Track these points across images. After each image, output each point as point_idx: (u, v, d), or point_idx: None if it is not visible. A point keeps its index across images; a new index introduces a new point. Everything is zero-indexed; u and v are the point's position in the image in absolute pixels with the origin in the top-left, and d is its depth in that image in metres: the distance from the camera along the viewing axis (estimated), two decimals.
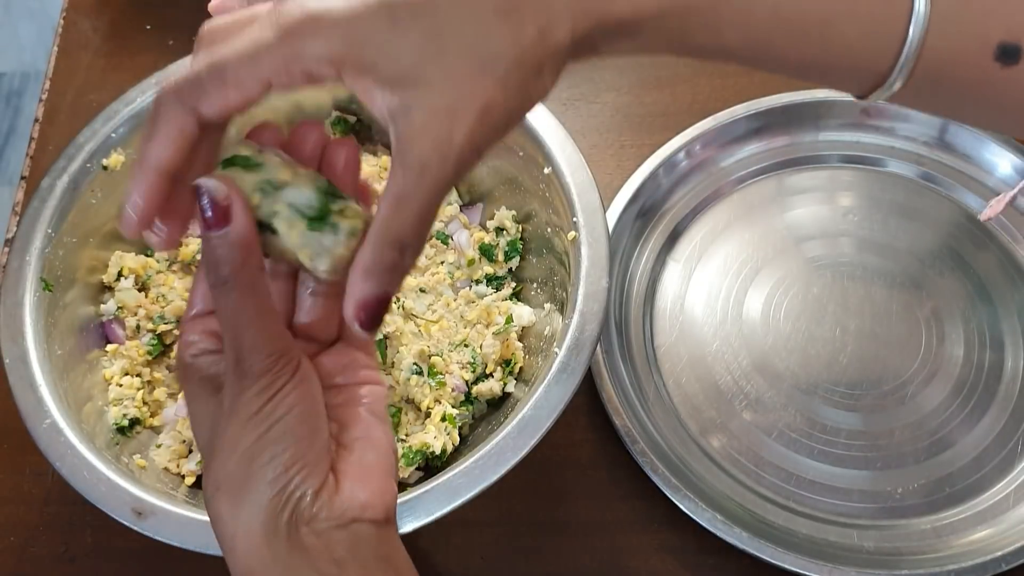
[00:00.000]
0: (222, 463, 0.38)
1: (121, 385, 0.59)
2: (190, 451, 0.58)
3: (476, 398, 0.61)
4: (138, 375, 0.60)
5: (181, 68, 0.38)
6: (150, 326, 0.61)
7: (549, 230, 0.62)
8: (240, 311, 0.37)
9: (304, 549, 0.37)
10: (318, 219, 0.39)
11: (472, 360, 0.60)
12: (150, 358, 0.61)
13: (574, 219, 0.59)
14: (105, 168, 0.62)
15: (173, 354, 0.61)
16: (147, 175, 0.38)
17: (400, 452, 0.57)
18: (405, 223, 0.37)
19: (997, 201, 0.68)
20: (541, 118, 0.62)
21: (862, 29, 0.39)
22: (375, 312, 0.37)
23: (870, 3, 0.38)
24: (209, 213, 0.37)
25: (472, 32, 0.35)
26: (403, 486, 0.55)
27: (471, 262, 0.65)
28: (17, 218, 0.69)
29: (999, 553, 0.57)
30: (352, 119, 0.68)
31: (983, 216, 0.68)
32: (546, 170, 0.61)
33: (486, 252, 0.65)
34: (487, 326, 0.62)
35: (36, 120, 0.76)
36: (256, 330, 0.38)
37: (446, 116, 0.35)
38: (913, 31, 0.38)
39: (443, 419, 0.58)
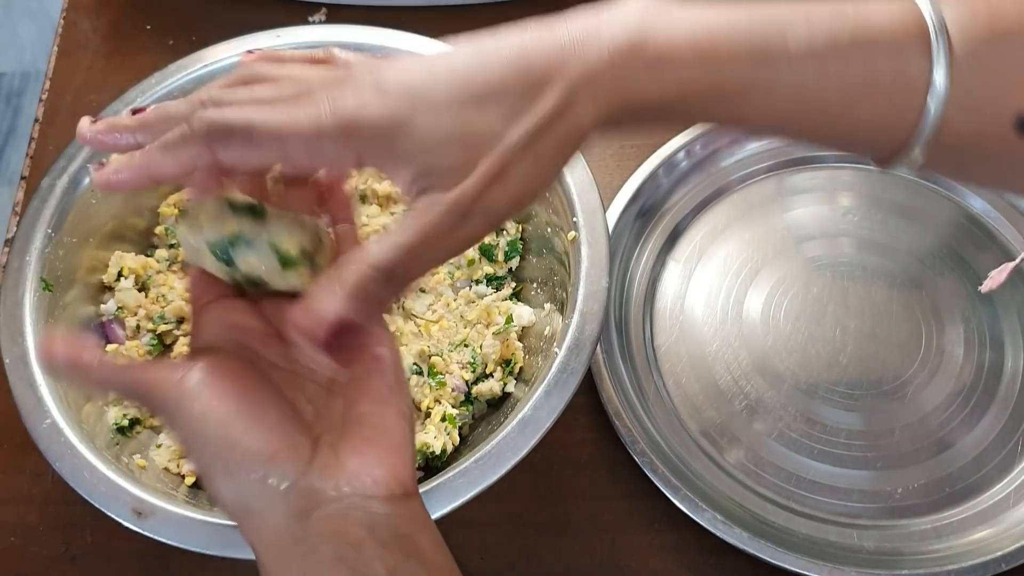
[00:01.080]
0: (206, 483, 0.39)
1: None
2: None
3: (476, 398, 0.61)
4: None
5: (222, 96, 0.39)
6: (150, 326, 0.61)
7: (549, 230, 0.62)
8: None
9: (314, 538, 0.37)
10: (289, 263, 0.41)
11: (472, 360, 0.60)
12: (150, 358, 0.61)
13: (574, 219, 0.59)
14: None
15: (173, 354, 0.61)
16: (140, 174, 0.40)
17: None
18: (389, 250, 0.37)
19: (998, 272, 0.67)
20: None
21: (882, 105, 0.39)
22: (334, 333, 0.37)
23: (890, 80, 0.38)
24: None
25: (499, 124, 0.37)
26: None
27: (471, 262, 0.65)
28: (17, 218, 0.69)
29: (999, 553, 0.57)
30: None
31: (984, 288, 0.67)
32: None
33: (486, 252, 0.65)
34: (487, 326, 0.62)
35: (36, 120, 0.76)
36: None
37: (462, 178, 0.37)
38: (933, 108, 0.38)
39: (443, 419, 0.58)
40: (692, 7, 0.38)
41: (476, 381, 0.61)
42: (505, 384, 0.60)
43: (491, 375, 0.61)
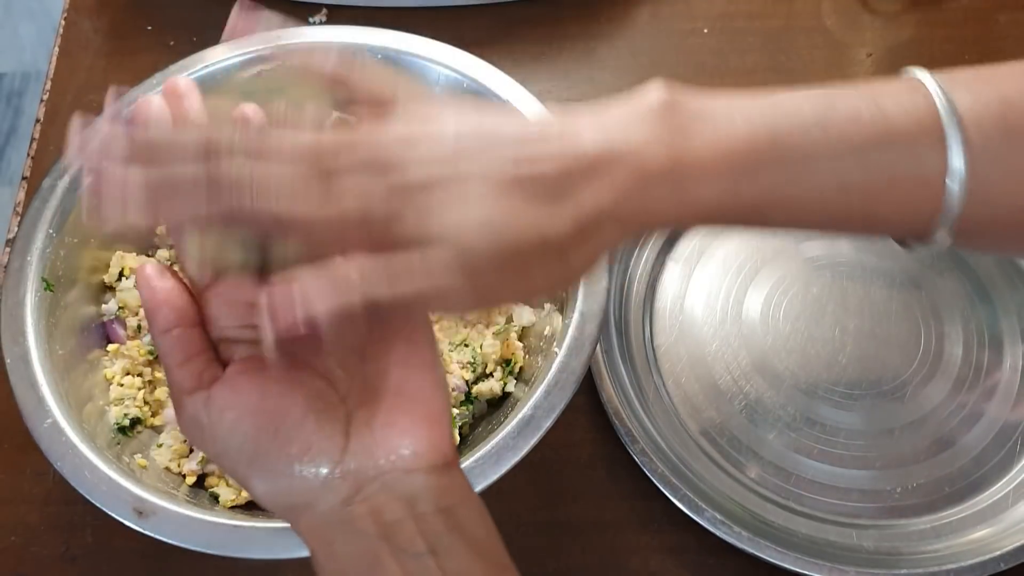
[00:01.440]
0: (246, 489, 0.39)
1: (122, 385, 0.59)
2: (191, 451, 0.58)
3: (476, 398, 0.61)
4: (139, 375, 0.60)
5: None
6: None
7: None
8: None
9: (357, 519, 0.37)
10: None
11: (472, 360, 0.60)
12: (151, 358, 0.61)
13: None
14: None
15: None
16: (141, 215, 0.36)
17: None
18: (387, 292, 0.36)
19: None
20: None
21: (902, 199, 0.39)
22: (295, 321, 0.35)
23: (909, 174, 0.39)
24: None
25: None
26: None
27: None
28: (18, 218, 0.69)
29: (998, 552, 0.57)
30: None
31: None
32: None
33: None
34: (487, 326, 0.62)
35: (37, 120, 0.76)
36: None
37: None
38: (949, 198, 0.39)
39: None
40: (713, 113, 0.38)
41: (476, 381, 0.61)
42: (505, 384, 0.60)
43: (491, 375, 0.61)
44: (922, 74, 0.40)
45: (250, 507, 0.56)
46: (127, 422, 0.58)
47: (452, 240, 0.35)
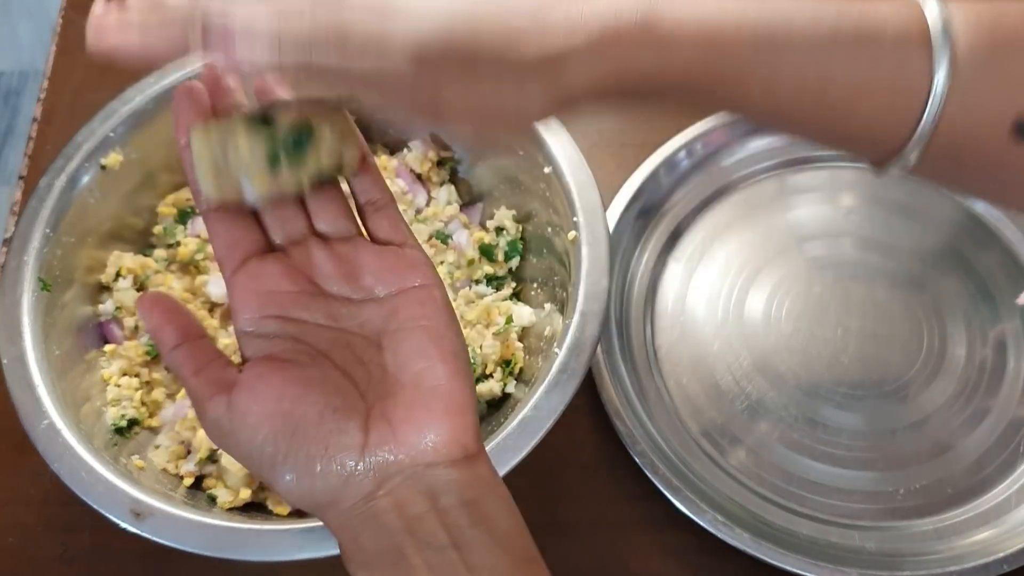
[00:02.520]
0: (272, 487, 0.39)
1: (119, 386, 0.59)
2: (188, 452, 0.58)
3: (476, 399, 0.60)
4: (136, 375, 0.60)
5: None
6: None
7: (549, 230, 0.62)
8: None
9: (381, 514, 0.37)
10: (297, 145, 0.39)
11: (472, 360, 0.60)
12: (148, 358, 0.61)
13: (574, 219, 0.58)
14: (103, 168, 0.61)
15: None
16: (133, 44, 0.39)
17: None
18: None
19: None
20: None
21: (882, 103, 0.39)
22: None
23: (891, 78, 0.38)
24: None
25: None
26: None
27: (471, 262, 0.65)
28: (15, 218, 0.68)
29: (1001, 554, 0.57)
30: (352, 118, 0.68)
31: (1020, 300, 0.68)
32: (546, 169, 0.61)
33: (486, 252, 0.65)
34: (487, 326, 0.62)
35: (34, 119, 0.76)
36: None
37: None
38: (930, 106, 0.38)
39: None
40: None
41: (476, 381, 0.60)
42: (505, 385, 0.60)
43: (491, 376, 0.60)
44: None
45: (247, 509, 0.56)
46: (124, 423, 0.58)
47: (407, 16, 0.34)
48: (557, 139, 0.61)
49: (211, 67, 0.45)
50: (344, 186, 0.44)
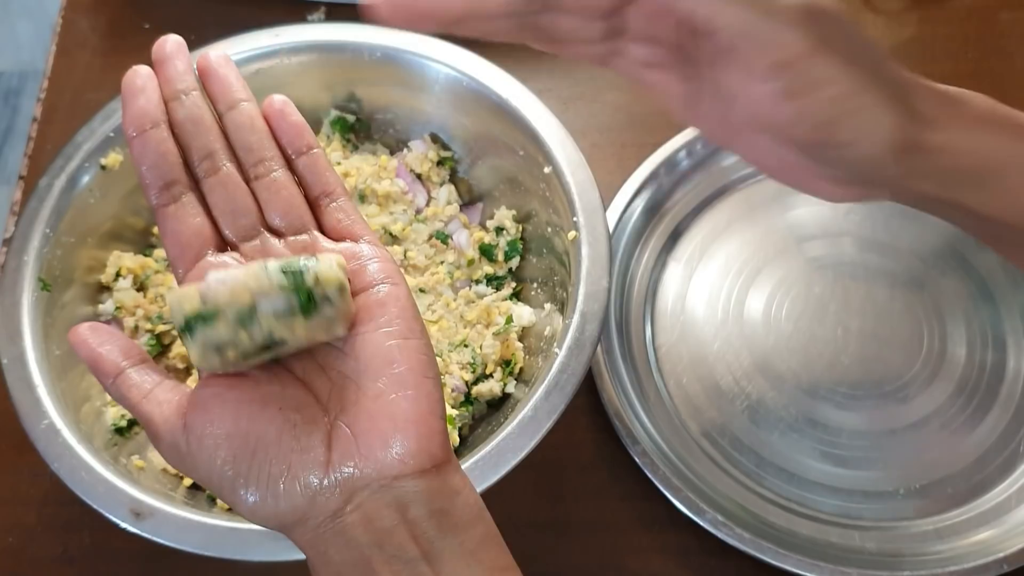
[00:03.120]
0: (236, 510, 0.38)
1: None
2: None
3: (476, 399, 0.60)
4: None
5: None
6: (148, 326, 0.61)
7: (549, 230, 0.62)
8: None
9: (349, 529, 0.36)
10: (308, 303, 0.37)
11: (472, 360, 0.60)
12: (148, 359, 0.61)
13: (574, 219, 0.58)
14: (103, 167, 0.61)
15: (172, 354, 0.61)
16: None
17: None
18: None
19: None
20: (541, 117, 0.61)
21: None
22: None
23: None
24: None
25: None
26: None
27: (471, 262, 0.65)
28: (15, 218, 0.68)
29: (1001, 554, 0.57)
30: (351, 118, 0.68)
31: None
32: (546, 169, 0.61)
33: (486, 252, 0.65)
34: (487, 326, 0.62)
35: (34, 119, 0.76)
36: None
37: None
38: None
39: None
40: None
41: (476, 382, 0.60)
42: (505, 385, 0.60)
43: (491, 375, 0.60)
44: None
45: None
46: (124, 423, 0.58)
47: None
48: (557, 138, 0.61)
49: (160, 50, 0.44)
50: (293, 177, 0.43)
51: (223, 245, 0.41)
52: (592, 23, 0.41)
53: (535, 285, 0.64)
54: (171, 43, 0.43)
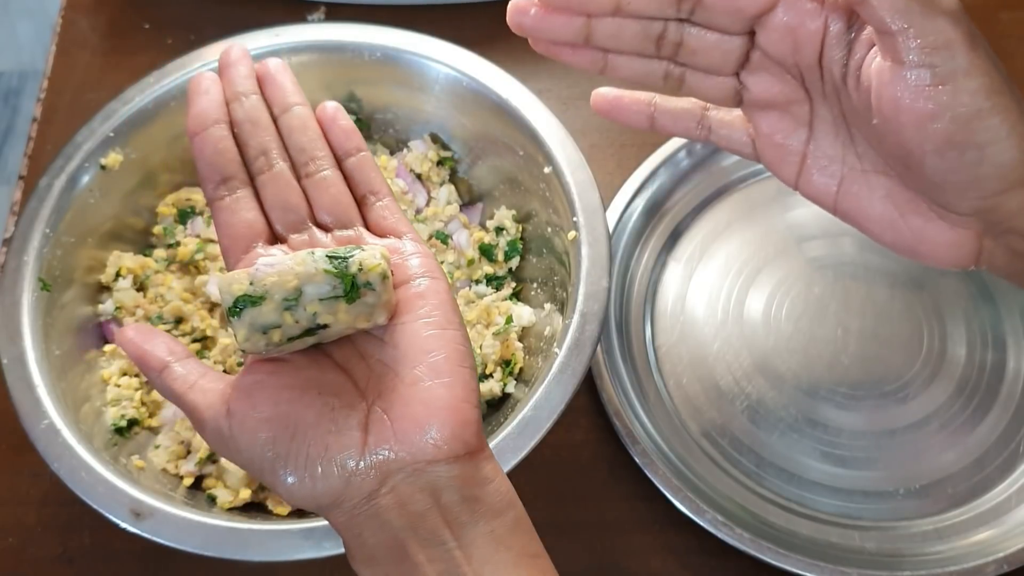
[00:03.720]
0: (273, 490, 0.39)
1: (119, 386, 0.59)
2: (188, 452, 0.58)
3: None
4: (136, 375, 0.60)
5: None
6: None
7: (549, 230, 0.62)
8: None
9: (383, 512, 0.37)
10: (351, 290, 0.39)
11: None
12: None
13: (574, 219, 0.58)
14: (103, 167, 0.61)
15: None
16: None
17: None
18: None
19: None
20: (541, 117, 0.61)
21: None
22: None
23: None
24: None
25: None
26: None
27: (471, 262, 0.65)
28: (15, 218, 0.68)
29: (1001, 554, 0.57)
30: (351, 118, 0.68)
31: None
32: (546, 169, 0.61)
33: (486, 252, 0.65)
34: (487, 326, 0.62)
35: (34, 119, 0.76)
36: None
37: None
38: None
39: None
40: None
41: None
42: (505, 384, 0.60)
43: (491, 375, 0.60)
44: None
45: (247, 509, 0.56)
46: (124, 423, 0.58)
47: None
48: (557, 138, 0.61)
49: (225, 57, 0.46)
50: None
51: (273, 239, 0.43)
52: (731, 41, 0.43)
53: (535, 285, 0.64)
54: (236, 50, 0.47)
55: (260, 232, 0.43)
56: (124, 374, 0.60)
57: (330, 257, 0.39)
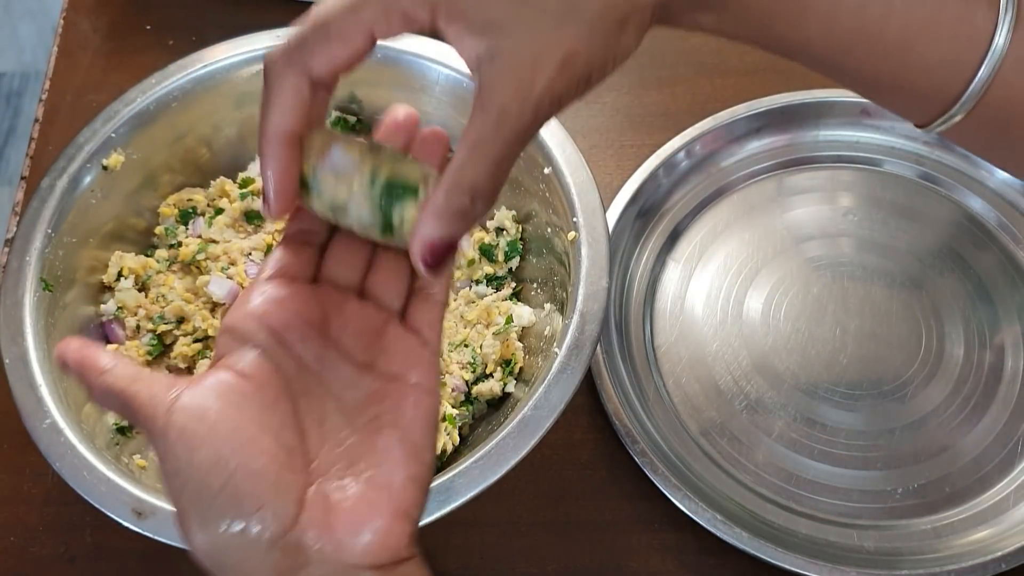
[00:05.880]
0: (181, 526, 0.36)
1: None
2: None
3: (476, 398, 0.61)
4: None
5: (286, 34, 0.38)
6: (150, 326, 0.61)
7: (549, 230, 0.62)
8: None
9: None
10: (386, 228, 0.39)
11: (472, 360, 0.60)
12: (150, 358, 0.61)
13: (574, 219, 0.59)
14: (105, 168, 0.62)
15: (173, 354, 0.61)
16: (276, 148, 0.38)
17: None
18: (479, 169, 0.37)
19: None
20: None
21: (939, 54, 0.39)
22: (440, 254, 0.38)
23: (953, 26, 0.38)
24: None
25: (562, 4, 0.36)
26: None
27: (471, 262, 0.65)
28: (17, 218, 0.68)
29: (999, 553, 0.57)
30: (352, 119, 0.68)
31: None
32: (546, 170, 0.61)
33: (486, 252, 0.65)
34: (487, 326, 0.62)
35: (36, 120, 0.76)
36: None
37: (528, 64, 0.36)
38: (988, 61, 0.38)
39: (443, 419, 0.58)
40: None
41: (476, 381, 0.61)
42: (505, 384, 0.60)
43: (491, 375, 0.61)
44: None
45: None
46: (126, 423, 0.58)
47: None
48: (557, 139, 0.61)
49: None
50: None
51: (314, 277, 0.42)
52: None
53: (535, 285, 0.64)
54: (402, 111, 0.44)
55: (306, 273, 0.41)
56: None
57: (384, 194, 0.39)
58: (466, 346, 0.61)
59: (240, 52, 0.65)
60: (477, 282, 0.65)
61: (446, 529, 0.60)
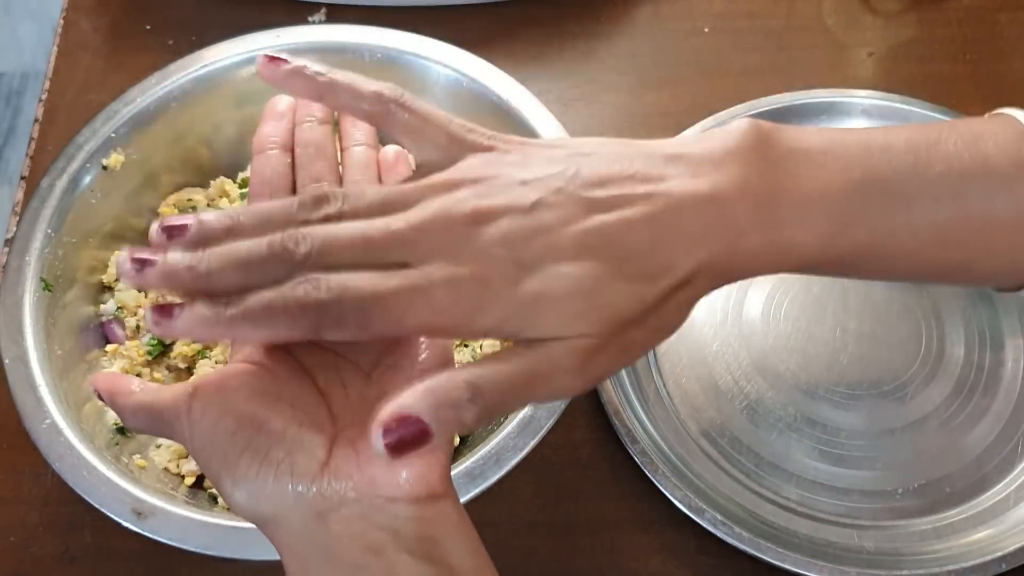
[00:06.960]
0: (219, 492, 0.38)
1: None
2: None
3: None
4: (138, 375, 0.60)
5: None
6: None
7: None
8: None
9: (334, 541, 0.35)
10: None
11: (472, 360, 0.60)
12: (150, 358, 0.61)
13: None
14: (105, 168, 0.62)
15: (173, 354, 0.61)
16: (215, 335, 0.42)
17: None
18: (493, 377, 0.36)
19: None
20: (541, 118, 0.62)
21: (999, 259, 0.41)
22: (407, 436, 0.34)
23: (1007, 231, 0.39)
24: None
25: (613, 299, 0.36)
26: None
27: None
28: (17, 218, 0.68)
29: (999, 553, 0.57)
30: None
31: None
32: None
33: None
34: None
35: (36, 120, 0.76)
36: None
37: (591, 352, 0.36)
38: None
39: None
40: (807, 154, 0.38)
41: None
42: None
43: None
44: (1017, 112, 0.39)
45: None
46: None
47: (562, 337, 0.36)
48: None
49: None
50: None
51: None
52: None
53: None
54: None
55: None
56: (126, 374, 0.60)
57: None
58: (466, 346, 0.61)
59: (240, 52, 0.65)
60: None
61: None
